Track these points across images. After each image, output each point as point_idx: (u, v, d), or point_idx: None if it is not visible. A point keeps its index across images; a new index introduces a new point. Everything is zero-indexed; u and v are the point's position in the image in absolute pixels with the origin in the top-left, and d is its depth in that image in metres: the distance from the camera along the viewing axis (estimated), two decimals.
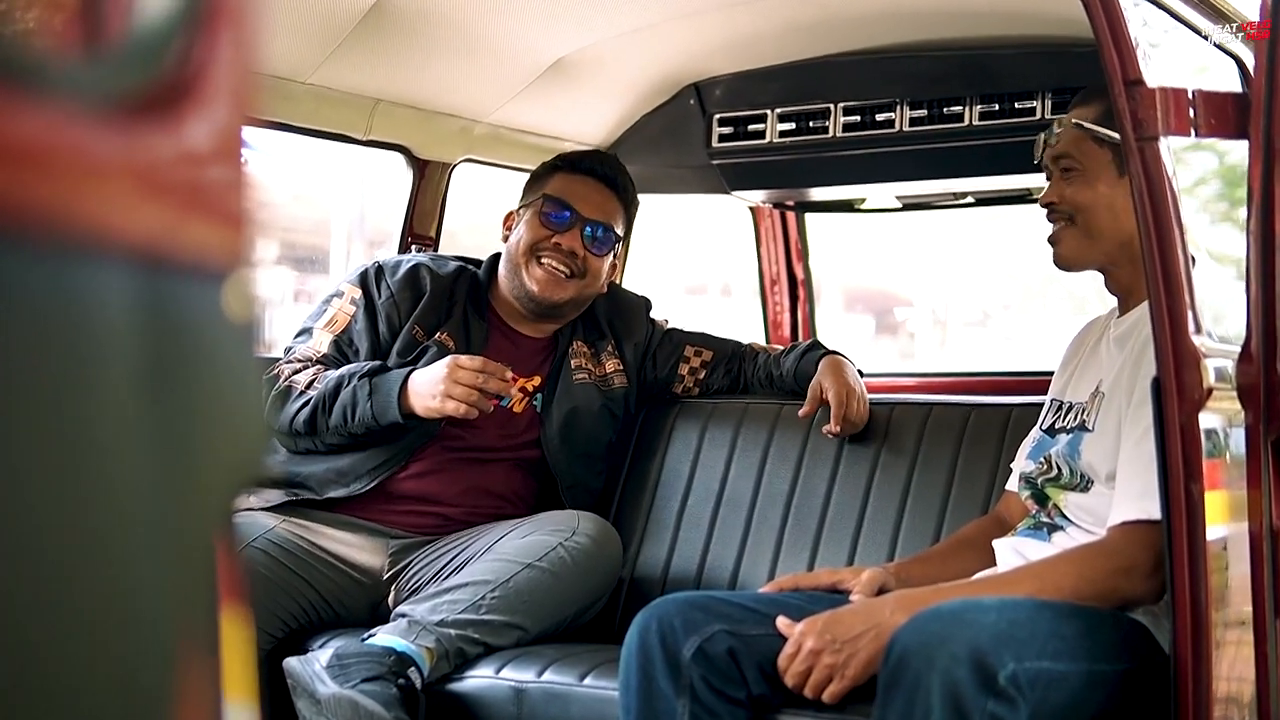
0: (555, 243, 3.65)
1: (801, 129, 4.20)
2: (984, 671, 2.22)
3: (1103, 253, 2.77)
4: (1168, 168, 2.32)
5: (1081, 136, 2.76)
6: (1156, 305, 2.29)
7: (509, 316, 3.75)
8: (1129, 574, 2.49)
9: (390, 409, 3.38)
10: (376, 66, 3.75)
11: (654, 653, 2.60)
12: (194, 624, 0.75)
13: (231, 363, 0.75)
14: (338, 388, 3.42)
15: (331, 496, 3.49)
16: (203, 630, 0.77)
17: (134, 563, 0.70)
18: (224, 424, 0.75)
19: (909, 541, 3.45)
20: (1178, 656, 2.28)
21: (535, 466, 3.71)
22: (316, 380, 3.46)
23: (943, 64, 3.99)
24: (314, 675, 3.01)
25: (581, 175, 3.75)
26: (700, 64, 4.24)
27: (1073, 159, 2.77)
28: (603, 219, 3.72)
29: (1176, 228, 2.31)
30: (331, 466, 3.50)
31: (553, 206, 3.69)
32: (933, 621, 2.31)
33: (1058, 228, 2.80)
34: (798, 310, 4.93)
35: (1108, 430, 2.65)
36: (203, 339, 0.73)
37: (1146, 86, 2.31)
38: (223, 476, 0.76)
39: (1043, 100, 3.84)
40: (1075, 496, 2.71)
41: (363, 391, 3.40)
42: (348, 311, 3.61)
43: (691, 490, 3.81)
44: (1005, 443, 3.40)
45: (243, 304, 0.75)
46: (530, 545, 3.33)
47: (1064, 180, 2.78)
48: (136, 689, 0.71)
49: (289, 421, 3.44)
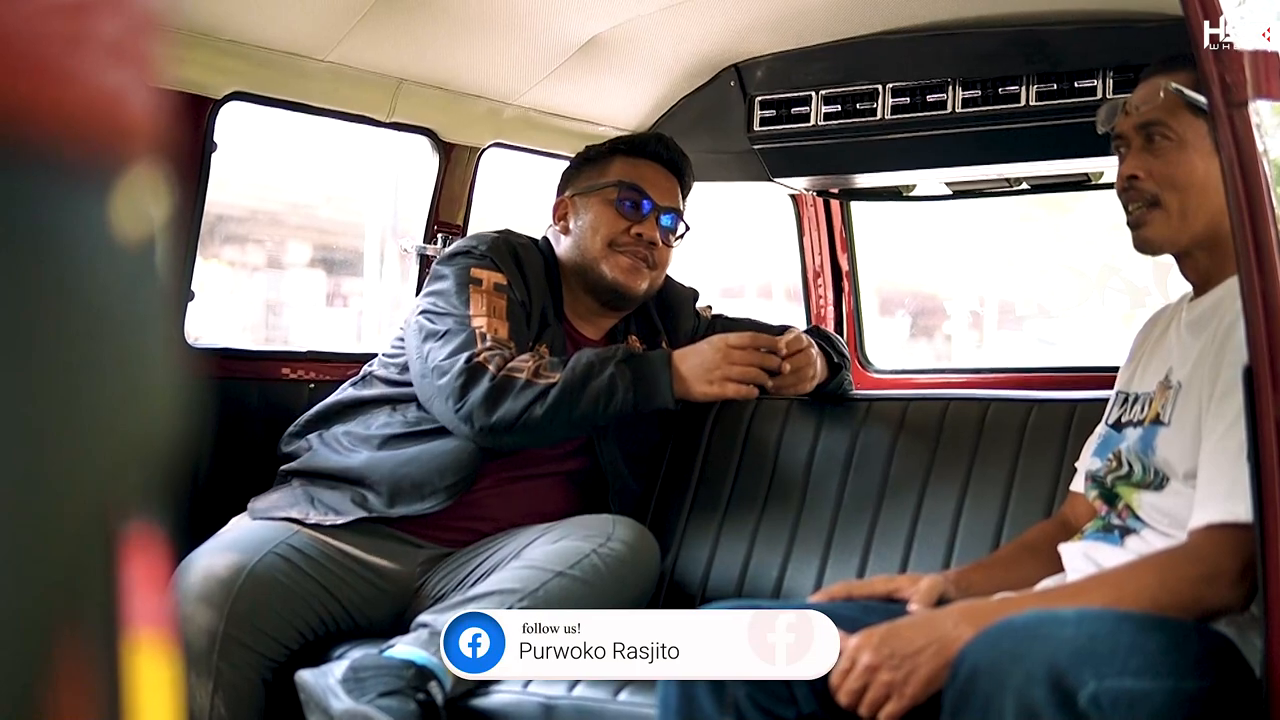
0: (636, 233, 3.52)
1: (847, 111, 4.05)
2: (1063, 691, 2.03)
3: (1192, 234, 2.58)
4: (1259, 135, 2.13)
5: (1177, 103, 2.56)
6: (1249, 286, 2.10)
7: (574, 315, 3.61)
8: (1214, 582, 2.30)
9: (660, 394, 3.23)
10: (400, 44, 3.60)
11: None
12: (69, 660, 0.56)
13: (121, 292, 0.55)
14: (587, 375, 3.21)
15: (404, 514, 3.32)
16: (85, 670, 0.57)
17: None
18: (108, 373, 0.55)
19: (966, 547, 3.28)
20: (1271, 672, 2.09)
21: (580, 476, 3.57)
22: (542, 366, 3.24)
23: (997, 41, 3.82)
24: (328, 689, 2.86)
25: (647, 160, 3.62)
26: (741, 43, 4.09)
27: (1167, 127, 2.57)
28: (674, 206, 3.60)
29: (1270, 202, 2.12)
30: (401, 474, 3.32)
31: (628, 194, 3.54)
32: (1005, 637, 2.12)
33: (1140, 209, 2.61)
34: (842, 304, 4.77)
35: (1186, 423, 2.46)
36: (76, 255, 0.53)
37: (1235, 49, 2.13)
38: (111, 447, 0.56)
39: (1104, 79, 3.68)
40: (1149, 496, 2.53)
41: (624, 379, 3.21)
42: (500, 297, 3.39)
43: (734, 493, 3.65)
44: (1069, 441, 3.22)
45: (139, 219, 0.55)
46: (561, 552, 3.16)
47: (1150, 152, 2.59)
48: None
49: (518, 416, 3.20)
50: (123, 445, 0.58)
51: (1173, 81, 2.56)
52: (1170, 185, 2.56)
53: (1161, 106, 2.57)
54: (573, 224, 3.58)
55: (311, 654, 3.12)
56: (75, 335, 0.54)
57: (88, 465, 0.57)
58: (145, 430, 0.59)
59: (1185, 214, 2.56)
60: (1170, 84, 2.56)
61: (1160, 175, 2.56)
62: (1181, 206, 2.56)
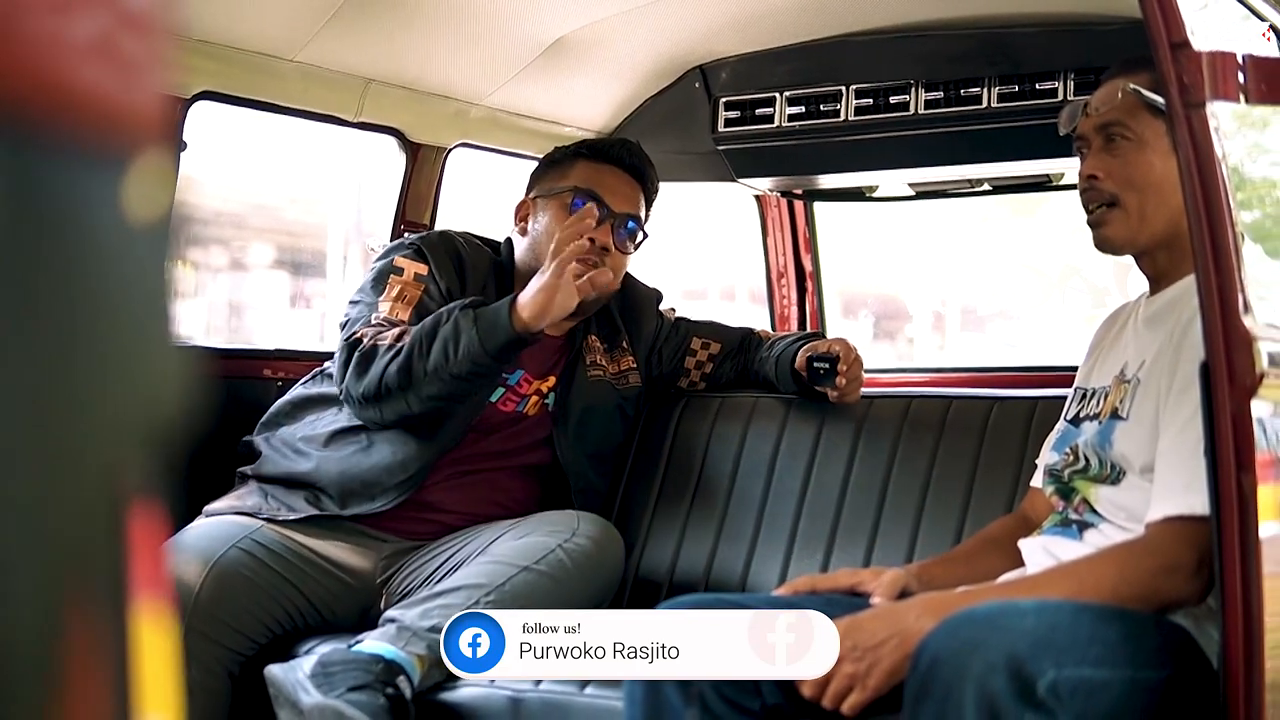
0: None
1: (811, 113, 4.06)
2: (1022, 680, 2.06)
3: (1151, 233, 2.61)
4: (1216, 136, 2.16)
5: (1136, 103, 2.59)
6: (1206, 284, 2.13)
7: None
8: (1171, 574, 2.33)
9: (500, 326, 3.12)
10: (369, 44, 3.60)
11: None
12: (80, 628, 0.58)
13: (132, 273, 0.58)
14: (435, 326, 3.16)
15: (357, 512, 3.32)
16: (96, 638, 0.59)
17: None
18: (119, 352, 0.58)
19: (928, 541, 3.30)
20: (1228, 663, 2.12)
21: (540, 470, 3.57)
22: (404, 334, 3.22)
23: (960, 43, 3.84)
24: (297, 684, 2.86)
25: (609, 165, 3.58)
26: (706, 45, 4.10)
27: (1126, 127, 2.61)
28: (632, 213, 3.55)
29: (1226, 200, 2.15)
30: (350, 476, 3.32)
31: (584, 199, 3.50)
32: (965, 626, 2.14)
33: (1100, 209, 2.63)
34: (805, 304, 4.79)
35: (1144, 418, 2.49)
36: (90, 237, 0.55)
37: (1193, 49, 2.16)
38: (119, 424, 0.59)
39: (1065, 81, 3.70)
40: (1106, 490, 2.56)
41: (466, 319, 3.14)
42: (416, 287, 3.38)
43: (699, 488, 3.67)
44: (1030, 438, 3.25)
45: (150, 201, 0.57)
46: (527, 547, 3.17)
47: (1109, 153, 2.62)
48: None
49: (378, 380, 3.19)
50: (131, 419, 0.60)
51: (1132, 82, 2.59)
52: (1129, 185, 2.59)
53: (1120, 107, 2.60)
54: (530, 226, 3.56)
55: (278, 649, 3.12)
56: (88, 312, 0.57)
57: (99, 439, 0.59)
58: (152, 405, 0.61)
59: (1144, 214, 2.59)
60: (1129, 84, 2.59)
61: (1119, 175, 2.59)
62: (1140, 206, 2.58)
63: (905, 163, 4.19)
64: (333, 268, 9.50)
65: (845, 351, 3.52)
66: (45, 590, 0.57)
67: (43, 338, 0.55)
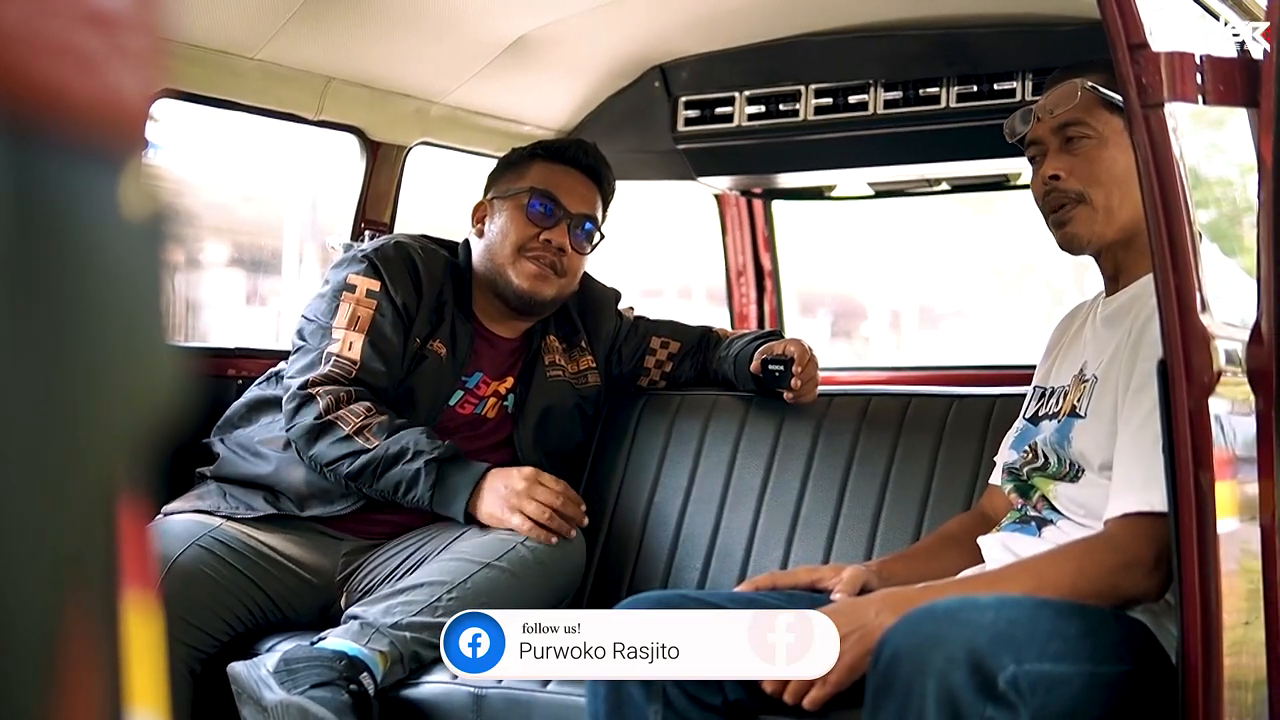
0: (545, 239, 3.47)
1: (771, 112, 4.07)
2: (982, 674, 2.07)
3: (1117, 228, 2.63)
4: (1174, 136, 2.18)
5: (1094, 100, 2.61)
6: (1163, 282, 2.15)
7: (485, 315, 3.57)
8: (1130, 570, 2.35)
9: (454, 507, 3.25)
10: (329, 42, 3.59)
11: None
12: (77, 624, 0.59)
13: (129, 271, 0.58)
14: (397, 458, 3.23)
15: (314, 514, 3.33)
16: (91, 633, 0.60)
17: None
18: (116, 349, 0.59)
19: (888, 538, 3.32)
20: (1186, 659, 2.14)
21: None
22: (368, 427, 3.25)
23: (919, 44, 3.86)
24: (260, 681, 2.86)
25: (565, 166, 3.58)
26: (666, 44, 4.11)
27: (1087, 125, 2.63)
28: (588, 213, 3.55)
29: (1184, 199, 2.17)
30: (309, 480, 3.32)
31: (540, 200, 3.51)
32: (926, 621, 2.16)
33: (1066, 207, 2.65)
34: (764, 302, 4.81)
35: (1102, 416, 2.52)
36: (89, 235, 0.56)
37: (1151, 50, 2.18)
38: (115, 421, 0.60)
39: (1023, 81, 3.72)
40: (1064, 487, 2.58)
41: (428, 479, 3.22)
42: (368, 305, 3.39)
43: (659, 486, 3.68)
44: (988, 436, 3.27)
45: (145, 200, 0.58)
46: (489, 544, 3.18)
47: (1069, 152, 2.64)
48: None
49: (327, 463, 3.26)
50: (126, 418, 0.61)
51: (1090, 80, 2.61)
52: (1095, 182, 2.60)
53: (1079, 106, 2.62)
54: (487, 227, 3.56)
55: (240, 647, 3.12)
56: (84, 311, 0.57)
57: (94, 437, 0.60)
58: (145, 403, 0.62)
59: (1110, 209, 2.60)
60: (1087, 83, 2.61)
61: (1084, 173, 2.61)
62: (1107, 202, 2.60)
63: (864, 162, 4.21)
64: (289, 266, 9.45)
65: (799, 353, 3.53)
66: (44, 587, 0.58)
67: (39, 337, 0.56)
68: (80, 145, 0.56)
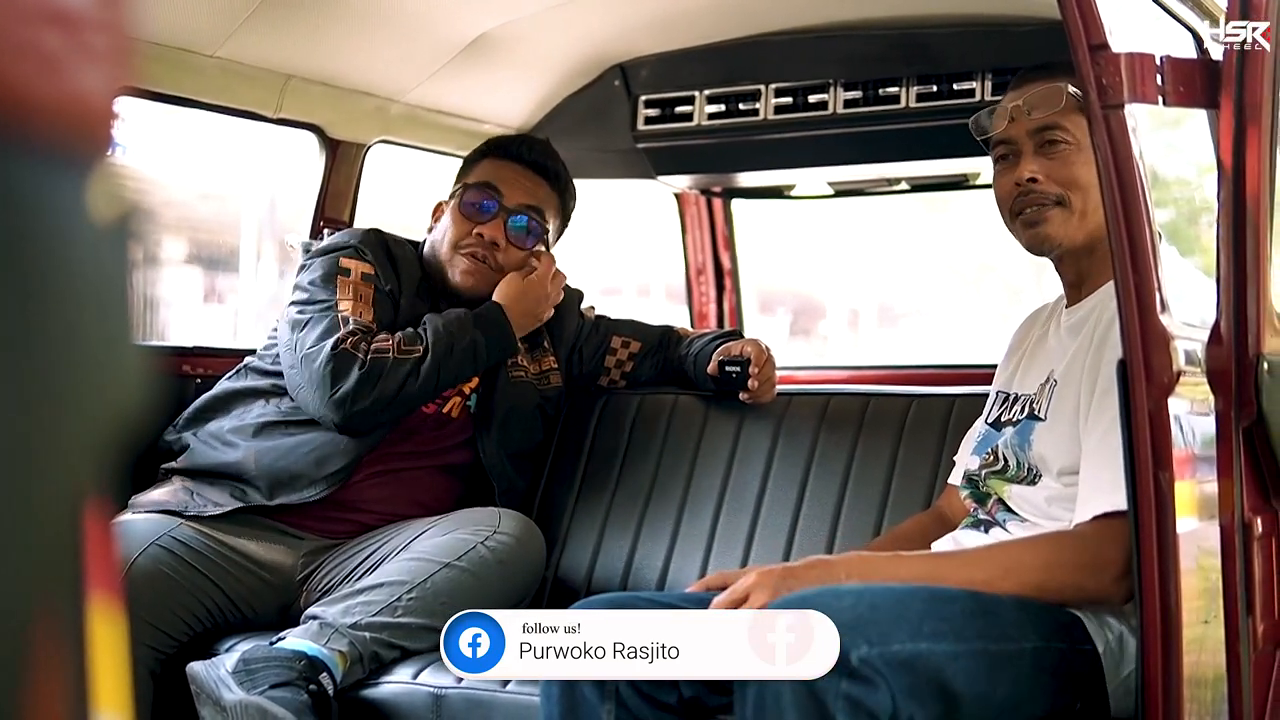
0: (478, 233, 3.48)
1: (731, 111, 4.08)
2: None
3: (1089, 230, 2.63)
4: (1134, 137, 2.19)
5: (1072, 105, 2.61)
6: (1123, 282, 2.16)
7: None
8: (1098, 571, 2.35)
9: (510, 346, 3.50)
10: (289, 40, 3.57)
11: None
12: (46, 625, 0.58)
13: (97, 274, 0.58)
14: (450, 344, 3.34)
15: (282, 503, 3.31)
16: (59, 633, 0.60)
17: None
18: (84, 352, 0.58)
19: (847, 537, 3.32)
20: (1146, 657, 2.15)
21: (462, 469, 3.55)
22: (400, 343, 3.31)
23: (879, 43, 3.87)
24: (219, 681, 2.84)
25: (509, 161, 3.59)
26: (626, 43, 4.11)
27: (1065, 130, 2.63)
28: (531, 205, 3.55)
29: (1144, 200, 2.18)
30: (280, 466, 3.31)
31: (475, 194, 3.52)
32: (792, 605, 2.22)
33: (1041, 208, 2.65)
34: (724, 301, 4.82)
35: (1062, 418, 2.52)
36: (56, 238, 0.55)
37: (1112, 51, 2.18)
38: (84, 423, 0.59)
39: (982, 81, 3.73)
40: (1019, 489, 2.59)
41: (482, 342, 3.39)
42: (366, 286, 3.40)
43: (619, 486, 3.67)
44: (947, 435, 3.28)
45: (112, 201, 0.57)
46: (449, 544, 3.17)
47: (1046, 155, 2.64)
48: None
49: (397, 390, 3.28)
50: (94, 419, 0.61)
51: (1070, 85, 2.61)
52: (1074, 185, 2.61)
53: (1063, 111, 2.62)
54: (436, 226, 3.59)
55: (199, 647, 3.10)
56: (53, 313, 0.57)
57: (64, 438, 0.59)
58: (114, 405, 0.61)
59: (1085, 213, 2.61)
60: (1070, 88, 2.61)
61: (1063, 176, 2.62)
62: (1083, 206, 2.61)
63: (824, 161, 4.22)
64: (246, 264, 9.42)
65: (756, 354, 3.53)
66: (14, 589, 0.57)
67: (6, 339, 0.55)
68: (46, 147, 0.55)
